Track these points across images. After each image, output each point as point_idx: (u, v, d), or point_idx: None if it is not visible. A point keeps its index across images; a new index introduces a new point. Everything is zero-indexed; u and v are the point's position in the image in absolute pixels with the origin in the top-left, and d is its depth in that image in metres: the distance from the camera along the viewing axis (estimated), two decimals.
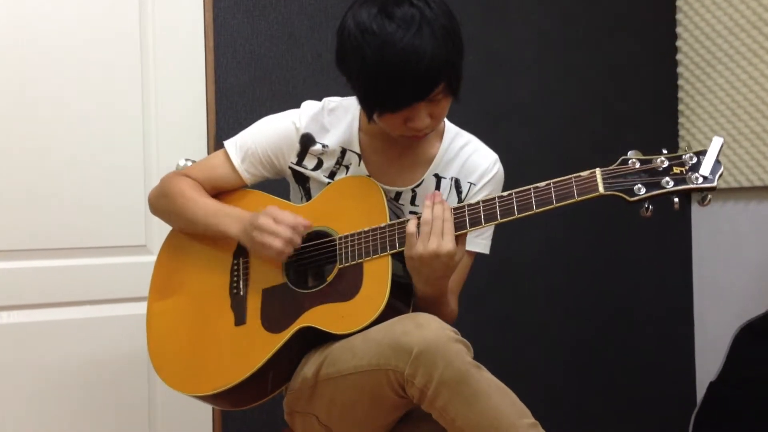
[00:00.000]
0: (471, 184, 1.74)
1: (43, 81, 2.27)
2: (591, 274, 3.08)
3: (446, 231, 1.49)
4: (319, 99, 1.81)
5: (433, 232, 1.49)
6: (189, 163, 2.39)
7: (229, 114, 2.49)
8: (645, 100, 3.17)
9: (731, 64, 3.00)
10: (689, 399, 3.20)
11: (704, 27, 3.08)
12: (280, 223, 1.59)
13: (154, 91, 2.41)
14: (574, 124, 3.04)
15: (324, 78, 2.57)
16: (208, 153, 2.45)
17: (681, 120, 3.20)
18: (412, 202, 1.72)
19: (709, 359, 3.16)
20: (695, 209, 3.24)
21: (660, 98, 3.21)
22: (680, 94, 3.20)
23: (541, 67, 3.00)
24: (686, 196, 3.18)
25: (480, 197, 1.71)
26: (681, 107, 3.20)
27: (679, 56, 3.19)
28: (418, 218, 1.52)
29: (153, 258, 1.85)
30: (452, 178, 1.74)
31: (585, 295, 3.07)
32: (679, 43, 3.18)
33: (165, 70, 2.42)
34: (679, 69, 3.19)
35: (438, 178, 1.73)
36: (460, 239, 1.53)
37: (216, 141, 2.45)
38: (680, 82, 3.20)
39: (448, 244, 1.48)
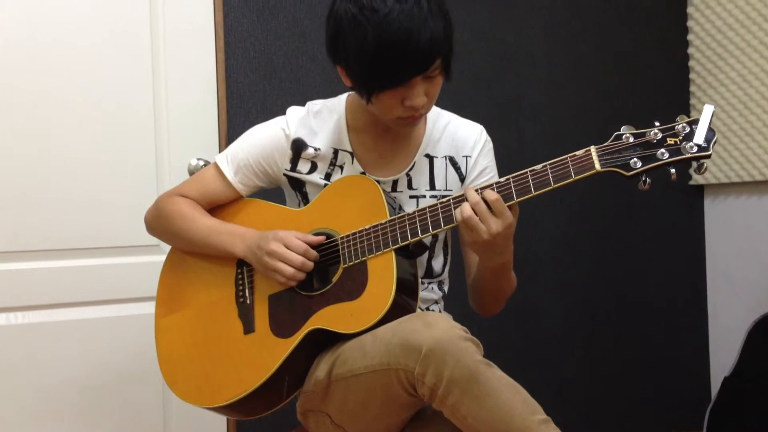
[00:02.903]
0: (467, 157, 1.76)
1: (56, 82, 2.29)
2: (603, 268, 3.08)
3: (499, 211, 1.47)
4: (329, 97, 1.81)
5: (488, 214, 1.47)
6: (201, 163, 2.40)
7: (239, 113, 2.50)
8: (656, 94, 3.16)
9: (743, 57, 2.98)
10: (704, 394, 3.19)
11: (715, 20, 3.06)
12: (291, 249, 1.59)
13: (165, 90, 2.42)
14: (585, 118, 3.03)
15: (334, 76, 2.56)
16: (219, 152, 2.45)
17: (693, 114, 3.18)
18: (409, 186, 1.73)
19: (723, 354, 3.15)
20: (708, 203, 3.23)
21: (672, 91, 3.19)
22: (692, 88, 3.19)
23: (551, 61, 3.00)
24: (698, 188, 3.16)
25: (480, 167, 1.76)
26: (693, 101, 3.19)
27: (690, 50, 3.18)
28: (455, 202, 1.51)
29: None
30: (445, 156, 1.75)
31: (597, 289, 3.06)
32: (690, 36, 3.17)
33: (176, 70, 2.43)
34: (691, 63, 3.18)
35: (430, 158, 1.74)
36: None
37: (227, 140, 2.46)
38: (692, 75, 3.18)
39: (507, 218, 1.46)
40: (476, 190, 1.49)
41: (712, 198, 3.21)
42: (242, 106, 2.51)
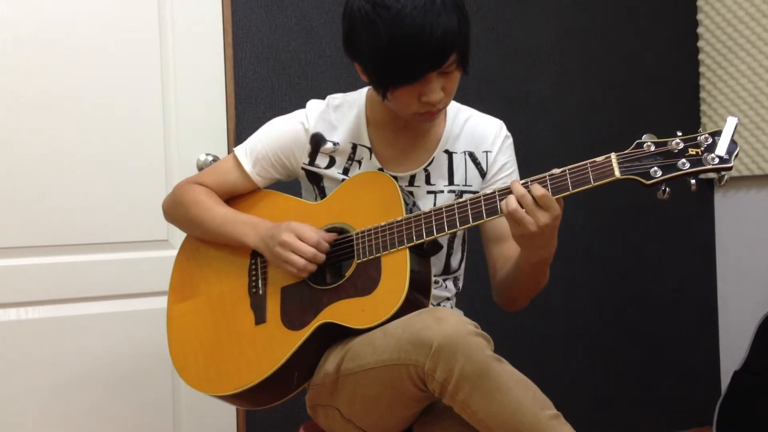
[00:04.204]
0: (487, 152, 1.76)
1: (66, 80, 2.29)
2: (612, 262, 3.07)
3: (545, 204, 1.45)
4: (338, 92, 1.81)
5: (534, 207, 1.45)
6: (210, 158, 2.41)
7: (248, 108, 2.50)
8: (666, 88, 3.15)
9: (753, 51, 2.97)
10: (714, 388, 3.19)
11: (726, 13, 3.04)
12: (303, 240, 1.60)
13: (173, 86, 2.42)
14: (595, 113, 3.03)
15: (342, 71, 2.57)
16: (228, 147, 2.46)
17: (703, 108, 3.17)
18: (427, 182, 1.73)
19: (733, 348, 3.14)
20: (718, 197, 3.22)
21: (681, 86, 3.18)
22: (702, 82, 3.17)
23: (561, 56, 2.99)
24: (708, 182, 3.15)
25: (500, 163, 1.75)
26: (703, 95, 3.17)
27: (700, 43, 3.16)
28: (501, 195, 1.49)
29: (175, 252, 1.86)
30: (465, 152, 1.75)
31: (606, 284, 3.06)
32: (700, 30, 3.15)
33: (184, 65, 2.43)
34: (701, 56, 3.17)
35: (449, 154, 1.74)
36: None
37: (236, 135, 2.46)
38: (702, 69, 3.17)
39: (555, 211, 1.44)
40: (523, 184, 1.47)
41: (722, 191, 3.20)
42: (251, 102, 2.51)
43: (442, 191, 1.73)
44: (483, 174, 1.75)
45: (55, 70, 2.29)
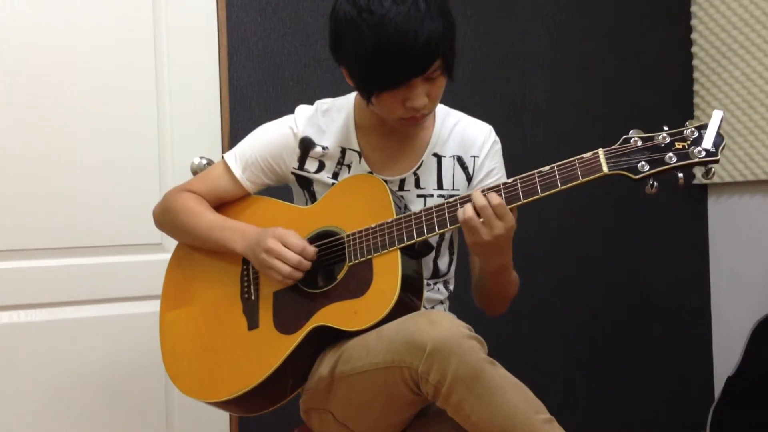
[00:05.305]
0: (474, 157, 1.76)
1: (60, 83, 2.29)
2: (607, 268, 3.07)
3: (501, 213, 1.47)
4: (333, 96, 1.81)
5: (492, 217, 1.47)
6: (204, 162, 2.41)
7: (242, 112, 2.50)
8: (660, 93, 3.16)
9: (747, 56, 2.98)
10: (707, 393, 3.19)
11: (719, 19, 3.05)
12: (288, 247, 1.60)
13: (168, 89, 2.42)
14: (589, 117, 3.03)
15: (337, 75, 2.56)
16: (223, 151, 2.46)
17: (696, 113, 3.18)
18: (417, 185, 1.73)
19: (727, 353, 3.14)
20: (711, 203, 3.22)
21: (675, 91, 3.19)
22: (696, 87, 3.18)
23: (556, 61, 2.99)
24: (701, 187, 3.16)
25: (487, 168, 1.76)
26: (696, 100, 3.18)
27: (694, 49, 3.17)
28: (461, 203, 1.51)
29: (169, 256, 1.86)
30: (453, 156, 1.75)
31: (601, 290, 3.06)
32: (694, 35, 3.16)
33: (179, 68, 2.43)
34: (695, 62, 3.17)
35: (438, 158, 1.74)
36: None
37: (230, 138, 2.46)
38: (696, 74, 3.18)
39: (510, 221, 1.46)
40: (482, 191, 1.48)
41: (715, 197, 3.21)
42: (245, 105, 2.51)
43: (432, 195, 1.73)
44: (469, 178, 1.76)
45: (50, 73, 2.28)
